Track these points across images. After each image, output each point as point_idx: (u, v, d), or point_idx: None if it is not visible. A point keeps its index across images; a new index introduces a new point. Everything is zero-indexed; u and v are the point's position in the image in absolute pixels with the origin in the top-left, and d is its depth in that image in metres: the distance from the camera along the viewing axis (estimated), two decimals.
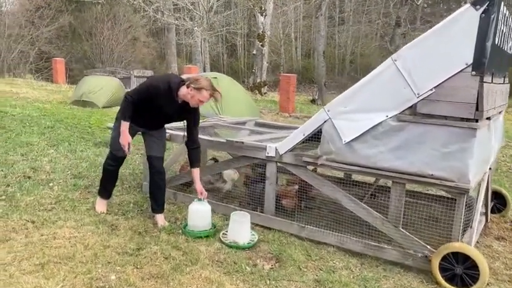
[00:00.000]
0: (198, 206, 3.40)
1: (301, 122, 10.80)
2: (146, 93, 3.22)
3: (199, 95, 3.18)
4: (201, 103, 3.25)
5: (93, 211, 3.60)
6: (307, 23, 38.38)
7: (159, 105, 3.27)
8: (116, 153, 3.47)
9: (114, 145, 3.42)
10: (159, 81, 3.25)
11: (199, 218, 3.36)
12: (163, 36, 32.42)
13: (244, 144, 3.50)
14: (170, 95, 3.23)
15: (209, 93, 3.21)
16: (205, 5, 22.14)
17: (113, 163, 3.56)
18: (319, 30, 19.05)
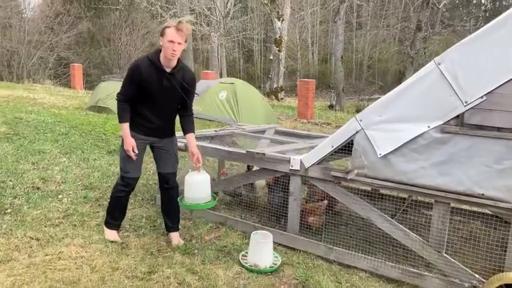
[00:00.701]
0: (195, 177, 2.98)
1: (321, 129, 10.52)
2: (132, 80, 2.86)
3: (166, 38, 2.74)
4: (174, 45, 2.74)
5: (102, 226, 3.35)
6: (324, 28, 38.06)
7: (152, 89, 2.85)
8: (127, 175, 3.05)
9: (125, 166, 3.04)
10: (137, 61, 2.93)
11: (196, 190, 2.96)
12: None
13: (265, 156, 3.20)
14: (154, 66, 2.84)
15: (174, 29, 2.73)
16: (222, 11, 22.03)
17: (124, 188, 3.11)
18: (337, 35, 18.72)
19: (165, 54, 2.80)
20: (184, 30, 2.76)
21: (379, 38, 35.19)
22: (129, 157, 2.97)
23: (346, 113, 15.66)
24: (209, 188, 3.01)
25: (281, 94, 19.96)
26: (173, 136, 3.19)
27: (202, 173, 3.00)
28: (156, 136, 3.06)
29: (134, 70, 2.85)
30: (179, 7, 22.98)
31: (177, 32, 2.74)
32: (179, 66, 2.90)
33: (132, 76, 2.87)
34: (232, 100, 10.11)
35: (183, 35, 2.76)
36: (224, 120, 9.81)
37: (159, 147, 3.12)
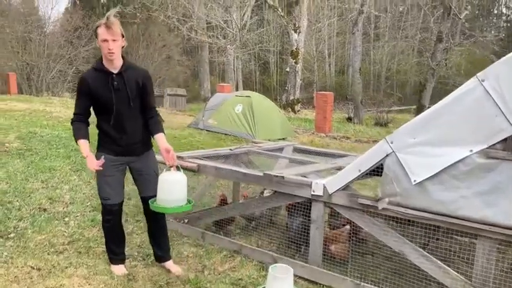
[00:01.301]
0: (169, 176, 2.68)
1: (340, 143, 10.19)
2: (80, 93, 2.68)
3: (100, 38, 2.57)
4: (109, 44, 2.55)
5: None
6: (341, 39, 37.82)
7: (104, 96, 2.63)
8: (107, 202, 2.79)
9: (103, 192, 2.78)
10: (82, 74, 2.76)
11: (168, 191, 2.65)
12: (196, 54, 32.66)
13: (285, 179, 2.94)
14: (99, 71, 2.65)
15: (103, 27, 2.55)
16: (239, 23, 22.01)
17: (109, 217, 2.84)
18: (355, 47, 18.43)
19: (104, 55, 2.63)
20: (114, 26, 2.56)
21: (398, 49, 34.79)
22: (106, 182, 2.74)
23: (365, 126, 15.29)
24: (185, 190, 2.72)
25: (297, 106, 19.73)
26: (150, 151, 2.91)
27: (178, 172, 2.71)
28: (130, 153, 2.78)
29: (80, 82, 2.69)
30: (196, 20, 23.09)
31: (108, 30, 2.55)
32: (126, 65, 2.70)
33: (80, 89, 2.69)
34: (248, 113, 9.89)
35: (114, 32, 2.57)
36: (240, 134, 9.60)
37: (137, 168, 2.85)
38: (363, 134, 12.23)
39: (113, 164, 2.74)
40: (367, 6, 18.97)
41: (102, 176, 2.74)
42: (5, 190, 4.31)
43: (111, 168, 2.73)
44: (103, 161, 2.63)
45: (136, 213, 3.98)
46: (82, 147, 2.67)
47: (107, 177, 2.74)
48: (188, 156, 3.57)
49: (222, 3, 21.79)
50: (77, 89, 2.77)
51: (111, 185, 2.76)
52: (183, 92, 19.49)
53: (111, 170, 2.73)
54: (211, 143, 8.44)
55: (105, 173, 2.71)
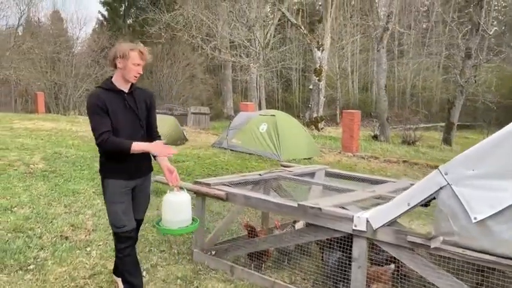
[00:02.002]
0: (172, 197, 2.65)
1: (368, 163, 9.83)
2: (100, 111, 2.52)
3: (132, 60, 2.55)
4: (139, 68, 2.58)
5: None
6: (364, 56, 37.56)
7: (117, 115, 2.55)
8: (123, 230, 2.61)
9: (117, 220, 2.61)
10: (92, 94, 2.64)
11: (173, 212, 2.63)
12: (219, 72, 32.91)
13: (322, 212, 2.68)
14: (111, 91, 2.58)
15: (137, 52, 2.56)
16: (262, 42, 22.05)
17: (126, 245, 2.64)
18: (380, 64, 18.13)
19: (127, 77, 2.59)
20: (146, 54, 2.63)
21: (423, 66, 34.23)
22: (120, 209, 2.60)
23: (392, 144, 14.85)
24: (190, 210, 2.73)
25: (321, 124, 19.47)
26: (151, 172, 2.86)
27: (182, 193, 2.69)
28: (138, 175, 2.71)
29: (94, 99, 2.54)
30: (219, 39, 23.28)
31: (141, 56, 2.60)
32: (134, 86, 2.70)
33: (96, 106, 2.51)
34: (273, 133, 9.68)
35: (146, 58, 2.64)
36: (264, 154, 9.38)
37: (136, 190, 2.74)
38: (391, 154, 11.83)
39: (125, 189, 2.64)
40: (392, 23, 18.71)
41: (115, 203, 2.61)
42: (28, 216, 4.19)
43: (123, 194, 2.62)
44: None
45: (161, 242, 3.78)
46: (141, 144, 2.55)
47: (120, 204, 2.62)
48: (215, 183, 3.36)
49: (245, 23, 21.92)
50: (91, 108, 2.53)
51: (125, 211, 2.63)
52: (207, 111, 19.48)
53: (123, 195, 2.62)
54: (235, 163, 8.25)
55: (117, 200, 2.61)
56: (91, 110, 2.54)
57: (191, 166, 7.65)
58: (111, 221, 2.67)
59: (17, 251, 3.30)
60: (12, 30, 23.85)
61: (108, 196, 2.64)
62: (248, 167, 7.94)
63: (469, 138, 20.26)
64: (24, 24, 25.69)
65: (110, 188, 2.60)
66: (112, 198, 2.60)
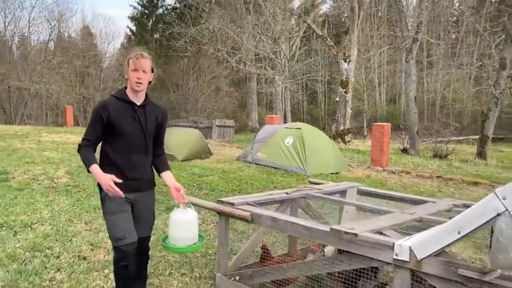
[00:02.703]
0: (179, 215, 2.60)
1: (400, 179, 9.39)
2: (97, 119, 2.50)
3: (130, 67, 2.53)
4: (138, 73, 2.52)
5: None
6: (392, 67, 36.96)
7: (122, 125, 2.51)
8: (123, 243, 2.47)
9: (117, 231, 2.49)
10: (102, 101, 2.67)
11: (179, 230, 2.60)
12: (244, 85, 32.98)
13: (358, 238, 2.41)
14: (122, 101, 2.57)
15: (133, 58, 2.53)
16: (288, 54, 21.92)
17: (125, 263, 2.50)
18: (410, 75, 17.63)
19: (130, 85, 2.57)
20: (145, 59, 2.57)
21: (453, 77, 33.34)
22: (120, 218, 2.49)
23: (423, 158, 14.28)
24: (196, 228, 2.69)
25: (348, 137, 19.08)
26: (153, 190, 2.77)
27: (189, 210, 2.64)
28: (137, 189, 2.61)
29: (100, 108, 2.53)
30: (244, 52, 23.31)
31: (139, 61, 2.54)
32: (148, 100, 2.67)
33: (99, 115, 2.50)
34: (299, 146, 9.41)
35: (145, 63, 2.56)
36: (290, 168, 9.12)
37: (138, 207, 2.64)
38: (423, 168, 11.34)
39: (125, 200, 2.52)
40: (422, 33, 18.24)
41: (113, 213, 2.51)
42: (47, 233, 4.08)
43: (121, 204, 2.51)
44: (115, 178, 2.41)
45: (182, 264, 3.57)
46: (95, 170, 2.42)
47: (120, 213, 2.51)
48: (239, 203, 3.13)
49: (270, 35, 21.88)
50: (94, 114, 2.54)
51: (125, 222, 2.52)
52: (232, 123, 19.40)
53: (121, 206, 2.52)
54: (260, 178, 8.02)
55: (116, 210, 2.51)
56: (92, 114, 2.58)
57: (215, 181, 7.47)
58: (110, 234, 2.55)
59: (32, 272, 3.15)
60: (43, 45, 24.61)
61: (106, 207, 2.54)
62: (274, 182, 7.70)
63: (504, 152, 19.40)
64: (55, 40, 26.52)
65: (107, 199, 2.49)
66: (110, 209, 2.51)
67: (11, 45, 25.04)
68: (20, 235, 4.02)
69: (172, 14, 28.89)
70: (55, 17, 25.57)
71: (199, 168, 8.69)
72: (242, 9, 25.45)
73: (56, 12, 25.95)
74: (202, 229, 4.59)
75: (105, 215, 2.56)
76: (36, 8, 24.99)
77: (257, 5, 23.38)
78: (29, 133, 13.05)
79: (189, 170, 8.42)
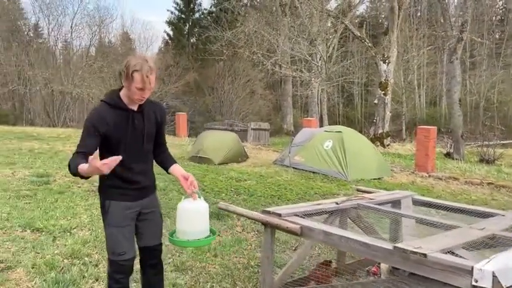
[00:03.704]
0: (188, 205, 2.35)
1: (447, 185, 8.84)
2: (92, 130, 2.23)
3: (135, 84, 2.19)
4: (144, 93, 2.23)
5: None
6: (432, 69, 35.70)
7: (122, 135, 2.29)
8: (122, 258, 2.34)
9: (117, 246, 2.34)
10: (94, 109, 2.33)
11: (189, 221, 2.35)
12: (279, 88, 32.75)
13: (428, 259, 2.11)
14: (117, 107, 2.29)
15: (141, 75, 2.17)
16: (324, 56, 21.51)
17: (121, 276, 2.37)
18: (454, 76, 16.80)
19: (132, 97, 2.28)
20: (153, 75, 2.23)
21: (498, 78, 31.82)
22: (122, 234, 2.33)
23: (469, 163, 13.53)
24: (207, 220, 2.42)
25: (387, 140, 18.47)
26: (156, 192, 2.59)
27: (199, 201, 2.38)
28: (144, 196, 2.45)
29: (95, 119, 2.25)
30: (280, 54, 23.09)
31: (146, 79, 2.21)
32: (145, 100, 2.37)
33: (93, 126, 2.24)
34: (339, 150, 9.06)
35: (152, 81, 2.24)
36: (330, 173, 8.78)
37: (144, 213, 2.45)
38: (471, 174, 10.68)
39: (130, 211, 2.38)
40: (467, 32, 17.39)
41: (117, 227, 2.34)
42: (86, 239, 3.98)
43: (126, 218, 2.36)
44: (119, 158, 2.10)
45: (223, 277, 3.36)
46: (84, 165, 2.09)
47: (123, 228, 2.35)
48: (287, 214, 2.89)
49: (306, 37, 21.56)
50: (87, 125, 2.26)
51: (127, 236, 2.37)
52: (267, 126, 19.19)
53: (126, 219, 2.37)
54: (299, 183, 7.74)
55: (119, 223, 2.34)
56: (85, 125, 2.28)
57: (253, 186, 7.26)
58: (109, 247, 2.38)
59: (70, 282, 3.03)
60: (84, 50, 25.36)
61: (109, 219, 2.36)
62: (313, 188, 7.40)
63: None
64: (95, 45, 27.29)
65: (112, 210, 2.34)
66: (113, 221, 2.34)
67: (55, 50, 25.97)
68: (59, 240, 3.95)
69: (208, 18, 29.14)
70: (96, 23, 26.34)
71: (237, 172, 8.51)
72: (278, 12, 25.27)
73: (97, 17, 26.74)
74: (242, 238, 4.38)
75: (107, 227, 2.38)
76: (78, 14, 25.76)
77: (293, 7, 23.11)
78: (70, 136, 13.35)
79: (226, 174, 8.26)
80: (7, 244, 3.78)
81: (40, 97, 22.10)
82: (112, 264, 2.38)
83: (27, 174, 6.87)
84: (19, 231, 4.15)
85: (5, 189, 5.83)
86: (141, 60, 2.21)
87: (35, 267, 3.30)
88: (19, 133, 13.04)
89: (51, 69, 22.76)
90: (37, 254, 3.59)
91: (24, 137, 12.26)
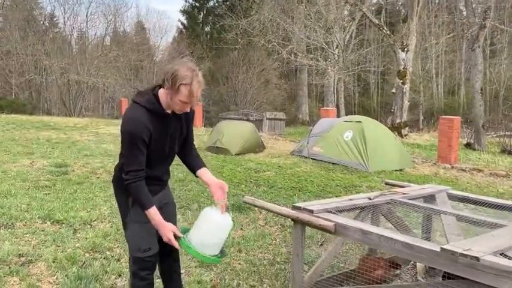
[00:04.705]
0: (216, 216, 2.17)
1: (472, 177, 8.56)
2: (141, 144, 2.10)
3: (180, 96, 2.06)
4: (186, 106, 2.13)
5: None
6: (451, 57, 34.89)
7: (159, 142, 2.19)
8: (148, 254, 2.25)
9: (142, 243, 2.25)
10: (134, 117, 2.11)
11: (210, 233, 2.17)
12: (294, 77, 32.39)
13: (480, 263, 1.93)
14: (156, 113, 2.14)
15: (188, 89, 2.04)
16: (342, 44, 21.09)
17: (147, 272, 2.28)
18: (476, 64, 16.32)
19: (172, 107, 2.16)
20: (198, 94, 2.13)
21: None
22: (147, 229, 2.22)
23: (491, 154, 13.17)
24: (225, 238, 2.27)
25: (405, 130, 18.11)
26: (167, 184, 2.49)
27: (227, 216, 2.22)
28: (161, 189, 2.38)
29: (141, 130, 2.09)
30: (296, 43, 22.72)
31: (194, 94, 2.09)
32: None
33: (139, 139, 2.09)
34: (359, 141, 8.84)
35: (191, 100, 2.12)
36: (350, 164, 8.58)
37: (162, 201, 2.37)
38: (495, 166, 10.36)
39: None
40: (490, 19, 16.82)
41: (141, 223, 2.22)
42: (107, 232, 3.89)
43: None
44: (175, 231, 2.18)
45: (249, 274, 3.23)
46: (159, 216, 2.16)
47: (147, 223, 2.20)
48: (318, 210, 2.73)
49: (323, 25, 21.14)
50: (134, 137, 2.10)
51: (151, 232, 2.25)
52: (282, 116, 18.98)
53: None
54: (319, 175, 7.57)
55: (144, 220, 2.20)
56: (131, 137, 2.10)
57: (272, 177, 7.12)
58: (133, 244, 2.29)
59: (92, 277, 2.94)
60: (100, 39, 25.36)
61: (133, 215, 2.24)
62: (334, 180, 7.22)
63: None
64: (110, 34, 27.27)
65: (136, 206, 2.20)
66: (138, 218, 2.22)
67: (70, 40, 26.04)
68: (79, 233, 3.87)
69: (223, 6, 28.80)
70: (111, 12, 26.28)
71: (255, 163, 8.37)
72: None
73: (112, 7, 26.69)
74: (266, 232, 4.25)
75: (130, 224, 2.27)
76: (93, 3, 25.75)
77: None
78: (87, 125, 13.38)
79: (244, 164, 8.13)
80: (27, 236, 3.71)
81: (56, 86, 22.23)
82: (136, 262, 2.28)
83: (46, 165, 6.84)
84: (39, 223, 4.08)
85: (24, 179, 5.79)
86: (191, 72, 2.06)
87: (56, 261, 3.22)
88: (36, 122, 13.10)
89: (67, 58, 22.84)
90: (58, 247, 3.51)
91: (42, 126, 12.30)
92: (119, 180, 2.28)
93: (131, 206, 2.25)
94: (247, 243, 3.83)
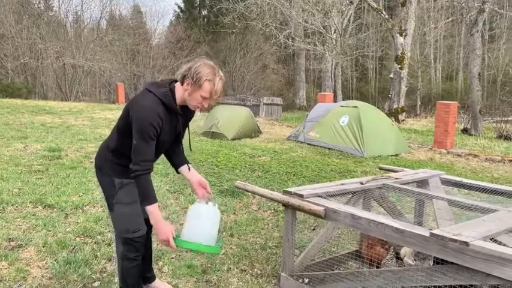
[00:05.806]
0: (201, 206, 2.23)
1: (467, 162, 8.56)
2: (154, 135, 2.11)
3: (202, 92, 2.12)
4: (206, 102, 2.17)
5: None
6: (449, 42, 34.65)
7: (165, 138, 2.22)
8: (137, 234, 2.26)
9: (132, 223, 2.25)
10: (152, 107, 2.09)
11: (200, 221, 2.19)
12: (291, 62, 32.15)
13: (470, 247, 1.91)
14: (170, 110, 2.17)
15: (212, 86, 2.11)
16: (340, 28, 20.88)
17: (137, 255, 2.30)
18: (474, 49, 16.20)
19: (189, 102, 2.19)
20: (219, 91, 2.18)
21: None
22: (135, 210, 2.24)
23: (487, 140, 13.17)
24: (217, 228, 2.29)
25: (402, 115, 18.09)
26: None
27: (212, 206, 2.25)
28: None
29: (154, 120, 2.09)
30: (293, 27, 22.49)
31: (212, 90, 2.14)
32: None
33: (152, 128, 2.09)
34: (355, 126, 8.80)
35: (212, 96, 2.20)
36: (345, 149, 8.56)
37: None
38: (491, 151, 10.37)
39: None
40: (490, 3, 16.64)
41: (129, 204, 2.24)
42: (98, 216, 3.87)
43: (135, 193, 2.19)
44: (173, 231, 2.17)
45: (240, 258, 3.22)
46: (159, 215, 2.15)
47: (133, 203, 2.23)
48: (309, 194, 2.71)
49: (320, 9, 20.89)
50: (146, 127, 2.07)
51: (139, 212, 2.26)
52: (280, 101, 18.88)
53: (135, 194, 2.19)
54: (315, 160, 7.55)
55: (130, 200, 2.24)
56: (145, 126, 2.07)
57: (268, 162, 7.09)
58: (122, 226, 2.28)
59: (82, 262, 2.92)
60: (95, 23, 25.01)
61: (120, 197, 2.25)
62: (330, 165, 7.20)
63: None
64: (106, 18, 26.89)
65: (124, 188, 2.23)
66: (124, 199, 2.24)
67: (65, 23, 25.64)
68: (71, 218, 3.84)
69: None
70: None
71: (250, 148, 8.34)
72: None
73: None
74: (259, 216, 4.24)
75: (117, 206, 2.26)
76: None
77: None
78: (82, 110, 13.27)
79: (240, 149, 8.10)
80: (18, 221, 3.68)
81: (52, 70, 21.98)
82: (125, 243, 2.29)
83: (39, 149, 6.78)
84: (30, 207, 4.05)
85: (16, 163, 5.74)
86: (213, 69, 2.13)
87: (46, 245, 3.19)
88: (32, 107, 12.97)
89: (62, 42, 22.53)
90: (48, 231, 3.49)
91: (37, 111, 12.19)
92: (106, 160, 2.28)
93: (119, 188, 2.24)
94: (239, 227, 3.82)
